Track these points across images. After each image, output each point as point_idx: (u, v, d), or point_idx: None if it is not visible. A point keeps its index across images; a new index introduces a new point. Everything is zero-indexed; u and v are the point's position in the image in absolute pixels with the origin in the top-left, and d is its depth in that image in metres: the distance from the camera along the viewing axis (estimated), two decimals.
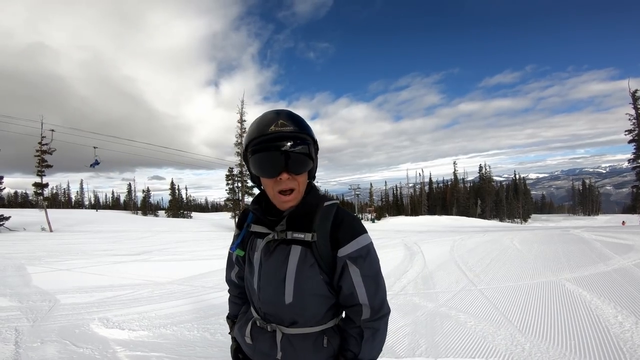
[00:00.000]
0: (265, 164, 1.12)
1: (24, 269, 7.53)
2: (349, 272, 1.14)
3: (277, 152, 1.09)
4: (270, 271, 1.18)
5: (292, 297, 1.15)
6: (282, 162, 1.09)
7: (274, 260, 1.17)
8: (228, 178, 33.13)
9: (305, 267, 1.14)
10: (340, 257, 1.14)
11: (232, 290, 1.52)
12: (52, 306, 4.63)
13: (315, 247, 1.14)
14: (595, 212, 75.78)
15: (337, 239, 1.14)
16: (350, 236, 1.15)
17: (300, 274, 1.14)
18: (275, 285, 1.16)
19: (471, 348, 3.30)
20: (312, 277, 1.14)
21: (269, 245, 1.19)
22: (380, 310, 1.18)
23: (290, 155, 1.10)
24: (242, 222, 1.35)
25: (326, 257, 1.15)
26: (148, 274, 7.03)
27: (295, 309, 1.16)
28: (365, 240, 1.17)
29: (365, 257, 1.16)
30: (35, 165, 25.41)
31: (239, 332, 1.35)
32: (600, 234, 13.68)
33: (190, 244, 14.63)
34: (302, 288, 1.14)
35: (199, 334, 3.66)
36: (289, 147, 1.09)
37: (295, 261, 1.14)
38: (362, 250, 1.15)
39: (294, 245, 1.16)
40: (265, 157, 1.11)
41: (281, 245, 1.17)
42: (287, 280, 1.14)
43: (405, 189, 72.06)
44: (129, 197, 64.33)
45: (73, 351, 3.19)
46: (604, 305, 4.45)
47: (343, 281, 1.16)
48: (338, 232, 1.15)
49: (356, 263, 1.14)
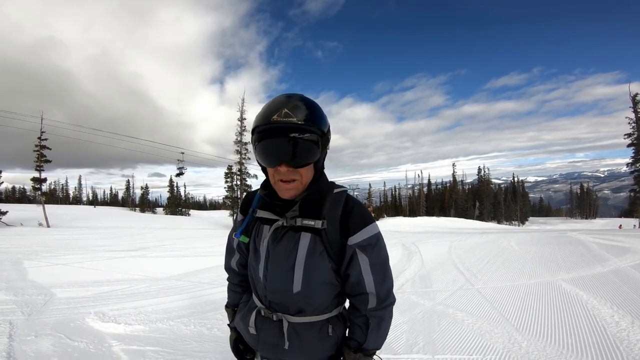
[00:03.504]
0: (265, 153, 1.09)
1: (20, 264, 7.50)
2: (357, 260, 1.13)
3: (280, 139, 1.04)
4: (278, 259, 1.16)
5: (301, 286, 1.13)
6: (282, 153, 1.05)
7: (282, 247, 1.15)
8: (227, 176, 33.08)
9: (314, 255, 1.12)
10: (350, 245, 1.13)
11: (232, 278, 1.48)
12: (47, 300, 4.60)
13: (325, 234, 1.12)
14: (593, 215, 76.00)
15: (347, 227, 1.13)
16: (361, 224, 1.13)
17: (310, 262, 1.12)
18: (284, 273, 1.15)
19: (468, 345, 3.29)
20: (321, 265, 1.13)
21: (277, 232, 1.17)
22: (387, 299, 1.18)
23: (291, 148, 1.05)
24: (245, 207, 1.32)
25: (335, 245, 1.13)
26: (145, 270, 7.01)
27: (303, 297, 1.14)
28: (375, 229, 1.16)
29: (375, 246, 1.15)
30: (34, 161, 25.36)
31: (241, 322, 1.31)
32: (597, 236, 13.71)
33: (187, 240, 14.60)
34: (311, 276, 1.13)
35: (196, 329, 3.64)
36: (291, 140, 1.04)
37: (305, 249, 1.12)
38: (372, 239, 1.14)
39: (303, 232, 1.13)
40: (266, 146, 1.07)
41: (290, 232, 1.15)
42: (297, 268, 1.12)
43: (404, 190, 72.13)
44: (127, 194, 64.19)
45: (67, 344, 3.17)
46: (601, 305, 4.45)
47: (351, 269, 1.15)
48: (348, 220, 1.13)
49: (365, 251, 1.13)
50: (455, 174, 66.26)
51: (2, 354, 2.92)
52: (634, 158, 32.89)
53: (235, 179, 32.66)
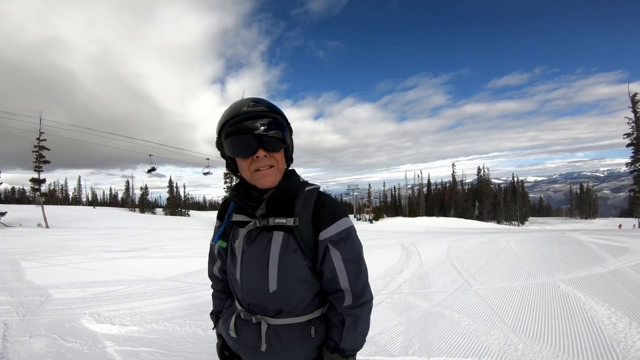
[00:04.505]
0: (240, 144, 1.10)
1: (17, 264, 7.50)
2: (330, 255, 1.12)
3: (252, 127, 1.08)
4: (253, 259, 1.15)
5: (276, 285, 1.12)
6: (256, 140, 1.09)
7: (256, 247, 1.15)
8: (226, 176, 33.14)
9: (287, 253, 1.11)
10: (322, 240, 1.12)
11: (216, 285, 1.49)
12: (43, 301, 4.60)
13: (298, 231, 1.11)
14: (593, 215, 75.99)
15: (318, 223, 1.12)
16: (332, 219, 1.13)
17: (283, 260, 1.11)
18: (258, 273, 1.14)
19: (464, 347, 3.27)
20: (295, 262, 1.12)
21: (250, 233, 1.17)
22: (362, 296, 1.16)
23: (265, 133, 1.09)
24: (222, 213, 1.33)
25: (308, 242, 1.13)
26: (143, 271, 7.00)
27: (280, 296, 1.13)
28: (346, 224, 1.14)
29: (347, 240, 1.14)
30: (32, 161, 25.38)
31: (223, 326, 1.31)
32: (596, 236, 13.69)
33: (186, 241, 14.60)
34: (286, 274, 1.12)
35: (191, 330, 3.63)
36: (263, 124, 1.09)
37: (278, 247, 1.12)
38: (343, 233, 1.13)
39: (275, 231, 1.13)
40: (240, 137, 1.10)
41: (263, 232, 1.15)
42: (270, 267, 1.12)
43: (404, 190, 72.15)
44: (127, 195, 64.19)
45: (61, 345, 3.17)
46: (598, 306, 4.43)
47: (325, 265, 1.14)
48: (319, 215, 1.13)
49: (337, 246, 1.12)
50: (454, 174, 66.30)
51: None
52: (633, 158, 32.94)
53: (234, 179, 32.71)
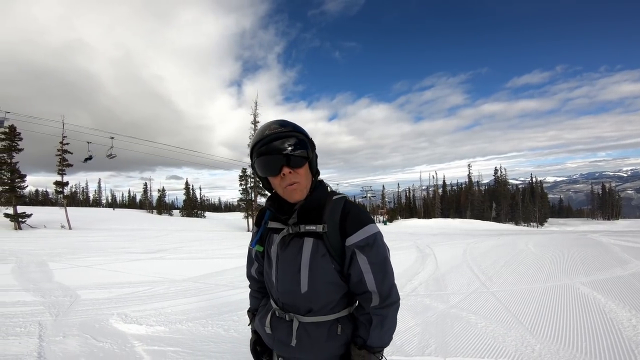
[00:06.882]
0: (267, 164, 1.24)
1: (45, 265, 7.82)
2: (357, 260, 1.23)
3: (276, 147, 1.21)
4: (286, 263, 1.28)
5: (307, 286, 1.24)
6: (280, 159, 1.21)
7: (289, 252, 1.28)
8: (241, 179, 33.48)
9: (317, 257, 1.23)
10: (349, 246, 1.22)
11: (253, 285, 1.62)
12: (73, 301, 4.81)
13: (326, 237, 1.23)
14: (616, 216, 73.57)
15: (345, 229, 1.23)
16: (358, 226, 1.22)
17: (314, 264, 1.23)
18: (292, 276, 1.26)
19: (481, 348, 3.31)
20: (325, 266, 1.23)
21: (284, 239, 1.30)
22: (389, 297, 1.25)
23: (287, 152, 1.21)
24: (260, 220, 1.46)
25: (336, 247, 1.23)
26: (164, 272, 7.22)
27: (310, 297, 1.25)
28: (372, 230, 1.24)
29: (372, 245, 1.23)
30: (56, 165, 26.26)
31: (259, 323, 1.44)
32: (619, 238, 13.34)
33: (204, 242, 14.88)
34: (316, 277, 1.23)
35: (213, 330, 3.76)
36: (286, 145, 1.21)
37: (309, 252, 1.24)
38: (369, 239, 1.23)
39: (306, 237, 1.25)
40: (266, 158, 1.23)
41: (295, 239, 1.27)
42: (302, 270, 1.24)
43: (419, 192, 71.42)
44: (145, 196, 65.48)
45: (93, 345, 3.33)
46: (619, 308, 4.38)
47: (352, 269, 1.24)
48: (346, 222, 1.23)
49: (363, 251, 1.22)
50: (470, 174, 65.25)
51: (33, 354, 3.09)
52: None
53: (249, 181, 33.03)
